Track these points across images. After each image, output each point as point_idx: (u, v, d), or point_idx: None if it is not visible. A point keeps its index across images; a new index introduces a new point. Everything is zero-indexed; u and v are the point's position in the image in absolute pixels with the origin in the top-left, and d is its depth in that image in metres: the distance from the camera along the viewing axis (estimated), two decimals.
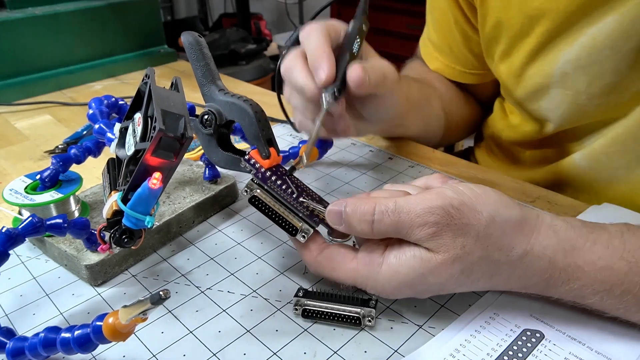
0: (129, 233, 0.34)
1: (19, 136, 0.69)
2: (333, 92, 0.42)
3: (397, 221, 0.33)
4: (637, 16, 0.45)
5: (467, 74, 0.67)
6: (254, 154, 0.38)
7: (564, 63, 0.50)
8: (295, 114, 0.49)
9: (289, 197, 0.37)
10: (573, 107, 0.53)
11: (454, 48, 0.66)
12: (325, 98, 0.42)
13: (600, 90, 0.50)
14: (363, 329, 0.36)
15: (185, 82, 0.39)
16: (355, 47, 0.45)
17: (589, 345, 0.33)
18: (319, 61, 0.42)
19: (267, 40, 2.48)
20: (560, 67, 0.51)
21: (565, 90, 0.52)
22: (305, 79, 0.43)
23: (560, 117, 0.55)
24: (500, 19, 0.55)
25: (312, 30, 0.44)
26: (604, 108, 0.51)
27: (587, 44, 0.48)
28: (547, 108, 0.55)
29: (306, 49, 0.44)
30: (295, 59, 0.44)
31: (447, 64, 0.67)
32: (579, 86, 0.51)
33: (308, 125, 0.47)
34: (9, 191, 0.42)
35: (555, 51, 0.51)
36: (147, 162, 0.32)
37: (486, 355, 0.33)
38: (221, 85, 0.41)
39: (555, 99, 0.53)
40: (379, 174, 0.56)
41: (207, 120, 0.41)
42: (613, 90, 0.49)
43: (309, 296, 0.36)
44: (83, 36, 0.88)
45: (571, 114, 0.54)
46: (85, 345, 0.30)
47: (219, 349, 0.34)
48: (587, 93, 0.51)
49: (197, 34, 0.42)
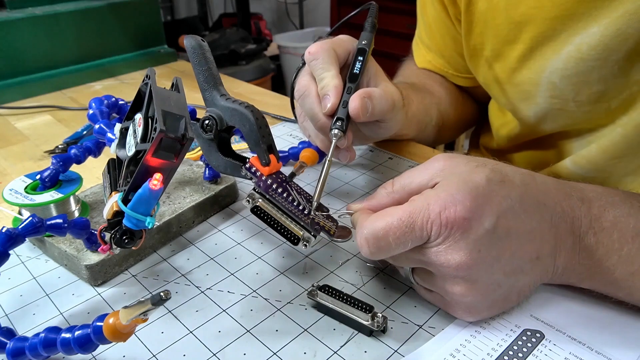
0: (130, 234, 0.35)
1: (19, 136, 0.69)
2: (340, 126, 0.43)
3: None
4: (620, 29, 0.45)
5: (460, 78, 0.68)
6: (254, 161, 0.38)
7: (551, 72, 0.51)
8: (310, 137, 0.51)
9: (290, 205, 0.37)
10: (561, 113, 0.53)
11: (445, 52, 0.66)
12: (333, 133, 0.43)
13: (588, 98, 0.50)
14: (371, 334, 0.35)
15: (185, 83, 0.39)
16: (357, 66, 0.45)
17: (589, 345, 0.33)
18: (325, 90, 0.44)
19: (267, 40, 2.49)
20: (547, 76, 0.51)
21: (553, 99, 0.52)
22: (316, 108, 0.44)
23: (549, 121, 0.55)
24: (487, 25, 0.55)
25: (319, 52, 0.45)
26: (593, 115, 0.51)
27: (573, 54, 0.48)
28: (534, 113, 0.55)
29: (314, 73, 0.45)
30: (308, 84, 0.46)
31: (439, 67, 0.68)
32: (567, 95, 0.51)
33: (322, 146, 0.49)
34: (9, 191, 0.42)
35: (542, 60, 0.51)
36: (148, 163, 0.33)
37: (486, 355, 0.33)
38: (223, 91, 0.41)
39: (542, 105, 0.54)
40: (379, 174, 0.56)
41: (208, 125, 0.41)
42: (601, 99, 0.50)
43: (325, 290, 0.37)
44: (83, 36, 0.88)
45: (560, 120, 0.54)
46: (85, 345, 0.30)
47: (219, 349, 0.34)
48: (575, 101, 0.51)
49: (200, 38, 0.42)
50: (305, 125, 0.50)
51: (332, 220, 0.39)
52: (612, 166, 0.53)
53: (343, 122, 0.43)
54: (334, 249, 0.44)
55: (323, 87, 0.44)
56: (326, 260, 0.42)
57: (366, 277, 0.40)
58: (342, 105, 0.43)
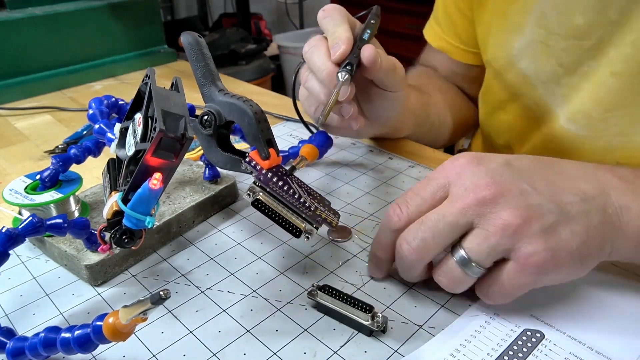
0: (130, 233, 0.34)
1: (19, 136, 0.69)
2: (349, 69, 0.44)
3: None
4: None
5: (470, 53, 0.69)
6: (254, 155, 0.38)
7: (543, 2, 0.54)
8: (309, 100, 0.51)
9: (291, 198, 0.37)
10: (543, 48, 0.55)
11: (458, 27, 0.69)
12: (341, 74, 0.44)
13: (567, 32, 0.53)
14: (372, 334, 0.35)
15: (185, 82, 0.39)
16: (366, 35, 0.47)
17: (589, 345, 0.33)
18: (336, 40, 0.45)
19: (267, 40, 2.49)
20: (539, 6, 0.55)
21: (539, 29, 0.55)
22: (323, 59, 0.46)
23: (529, 58, 0.57)
24: None
25: (332, 10, 0.48)
26: (570, 52, 0.54)
27: None
28: (519, 47, 0.58)
29: (326, 28, 0.47)
30: (317, 42, 0.47)
31: (452, 44, 0.70)
32: (551, 25, 0.54)
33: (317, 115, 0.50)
34: (9, 191, 0.42)
35: None
36: (148, 162, 0.32)
37: (486, 355, 0.33)
38: (221, 86, 0.41)
39: (528, 36, 0.56)
40: (379, 174, 0.56)
41: (207, 120, 0.41)
42: (578, 35, 0.52)
43: (325, 290, 0.37)
44: (83, 36, 0.88)
45: (539, 57, 0.56)
46: (85, 345, 0.30)
47: (219, 349, 0.34)
48: (557, 34, 0.54)
49: (197, 34, 0.42)
50: (307, 83, 0.50)
51: (334, 213, 0.39)
52: (604, 121, 0.54)
53: (353, 67, 0.44)
54: (334, 249, 0.44)
55: (334, 39, 0.46)
56: (326, 260, 0.42)
57: (366, 277, 0.40)
58: (352, 55, 0.45)
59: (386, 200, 0.51)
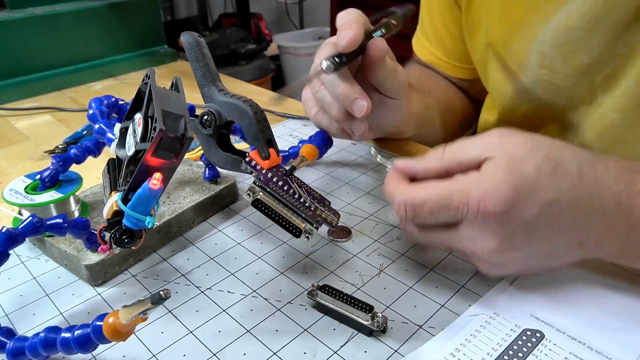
0: (130, 233, 0.35)
1: (19, 136, 0.69)
2: (335, 60, 0.42)
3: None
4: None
5: (460, 68, 0.68)
6: (254, 155, 0.38)
7: (542, 42, 0.52)
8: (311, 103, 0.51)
9: (291, 197, 0.37)
10: (548, 86, 0.54)
11: (447, 43, 0.67)
12: (325, 63, 0.42)
13: (573, 70, 0.51)
14: (371, 334, 0.35)
15: (185, 82, 0.39)
16: (378, 34, 0.47)
17: (589, 345, 0.33)
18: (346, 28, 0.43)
19: (267, 40, 2.49)
20: (537, 46, 0.53)
21: (542, 69, 0.53)
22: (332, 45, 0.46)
23: (534, 98, 0.56)
24: None
25: (350, 11, 0.47)
26: (577, 89, 0.52)
27: (563, 22, 0.49)
28: (522, 87, 0.56)
29: (340, 23, 0.46)
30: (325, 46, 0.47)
31: (440, 58, 0.69)
32: (555, 65, 0.52)
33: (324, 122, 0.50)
34: (9, 191, 0.42)
35: (533, 29, 0.52)
36: (148, 162, 0.32)
37: (486, 355, 0.33)
38: (221, 86, 0.41)
39: (531, 77, 0.55)
40: (379, 174, 0.56)
41: (207, 120, 0.41)
42: (586, 71, 0.51)
43: (325, 290, 0.37)
44: (83, 36, 0.88)
45: (546, 94, 0.55)
46: (85, 345, 0.30)
47: (219, 349, 0.34)
48: (562, 73, 0.52)
49: (197, 34, 0.42)
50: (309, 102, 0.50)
51: (334, 213, 0.39)
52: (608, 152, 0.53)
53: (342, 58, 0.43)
54: (334, 249, 0.44)
55: (344, 30, 0.44)
56: (326, 260, 0.42)
57: (366, 277, 0.40)
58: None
59: (386, 200, 0.50)
